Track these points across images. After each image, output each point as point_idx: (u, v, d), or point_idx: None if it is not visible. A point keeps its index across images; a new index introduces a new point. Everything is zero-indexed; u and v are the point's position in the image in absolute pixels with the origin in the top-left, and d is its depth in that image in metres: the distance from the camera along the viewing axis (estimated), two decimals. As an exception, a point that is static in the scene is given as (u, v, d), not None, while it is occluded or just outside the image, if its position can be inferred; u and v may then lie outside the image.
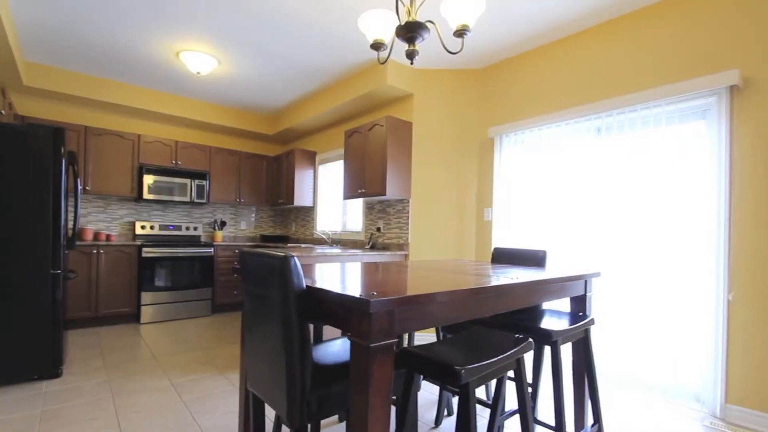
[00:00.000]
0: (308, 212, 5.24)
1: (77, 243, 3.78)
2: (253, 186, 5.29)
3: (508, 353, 1.16)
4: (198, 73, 3.61)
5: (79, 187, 2.92)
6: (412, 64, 1.71)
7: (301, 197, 4.96)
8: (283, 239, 5.49)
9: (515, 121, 3.27)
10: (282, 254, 1.08)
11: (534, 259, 2.15)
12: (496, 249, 2.40)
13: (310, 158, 5.07)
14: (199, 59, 3.50)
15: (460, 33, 1.59)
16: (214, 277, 4.63)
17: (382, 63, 1.80)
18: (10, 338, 2.45)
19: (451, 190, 3.68)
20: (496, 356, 1.13)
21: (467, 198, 3.67)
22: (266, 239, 5.37)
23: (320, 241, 4.91)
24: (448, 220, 3.67)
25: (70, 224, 4.03)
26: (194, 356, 3.11)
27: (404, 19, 1.60)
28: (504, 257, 2.31)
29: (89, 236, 4.14)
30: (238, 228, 5.48)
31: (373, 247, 3.96)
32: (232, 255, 4.80)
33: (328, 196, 4.97)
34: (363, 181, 3.73)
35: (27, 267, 2.48)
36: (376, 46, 1.71)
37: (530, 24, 2.86)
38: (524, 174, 3.25)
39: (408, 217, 3.68)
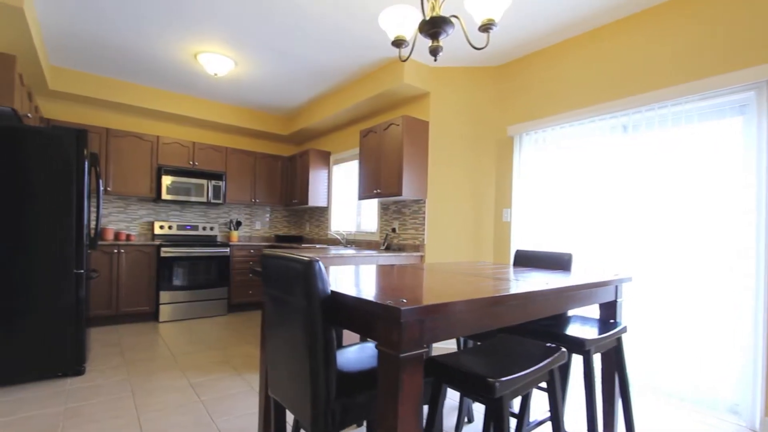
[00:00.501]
0: (322, 212, 5.23)
1: (99, 243, 3.84)
2: (268, 186, 5.30)
3: (542, 364, 1.10)
4: (215, 74, 3.62)
5: (101, 188, 2.95)
6: (435, 60, 1.67)
7: (316, 197, 4.95)
8: (298, 239, 5.49)
9: (535, 120, 3.18)
10: (306, 258, 1.05)
11: (559, 262, 2.07)
12: (518, 251, 2.33)
13: (325, 158, 5.06)
14: (217, 60, 3.51)
15: (486, 28, 1.53)
16: (230, 277, 4.66)
17: (404, 60, 1.75)
18: (36, 337, 2.50)
19: (468, 190, 3.61)
20: (530, 367, 1.07)
21: (485, 198, 3.60)
22: (281, 239, 5.38)
23: (334, 242, 4.89)
24: (465, 221, 3.60)
25: (92, 224, 4.11)
26: (211, 356, 3.12)
27: (428, 14, 1.55)
28: (527, 260, 2.24)
29: (110, 236, 4.21)
30: (253, 228, 5.51)
31: (388, 248, 3.91)
32: (248, 255, 4.82)
33: (342, 196, 4.95)
34: (378, 181, 3.69)
35: (52, 267, 2.52)
36: (398, 42, 1.67)
37: (551, 18, 2.77)
38: (545, 173, 3.16)
39: (424, 217, 3.62)
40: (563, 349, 1.22)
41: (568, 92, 3.02)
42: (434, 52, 1.54)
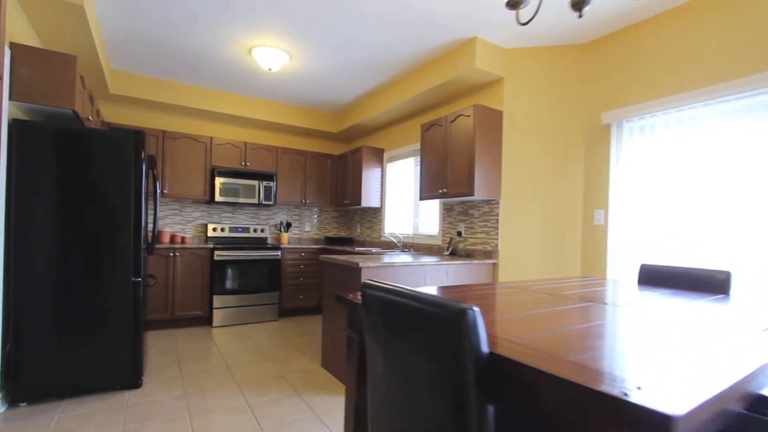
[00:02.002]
0: (375, 213, 4.94)
1: (156, 247, 3.79)
2: (318, 186, 5.10)
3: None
4: (270, 69, 3.42)
5: (158, 191, 2.82)
6: (580, 17, 1.27)
7: (368, 197, 4.67)
8: (348, 241, 5.25)
9: (640, 103, 2.66)
10: (454, 304, 0.69)
11: (711, 283, 1.60)
12: (644, 267, 1.86)
13: (378, 156, 4.75)
14: (271, 54, 3.31)
15: (579, 4, 1.11)
16: (281, 281, 4.49)
17: (524, 24, 1.36)
18: (94, 349, 2.38)
19: (550, 188, 3.14)
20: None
21: (570, 198, 3.11)
22: (331, 241, 5.16)
23: (388, 245, 4.58)
24: (545, 224, 3.14)
25: (150, 228, 4.09)
26: (267, 369, 2.90)
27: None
28: (657, 278, 1.77)
29: (166, 239, 4.17)
30: (303, 230, 5.33)
31: (453, 254, 3.53)
32: (299, 258, 4.63)
33: (396, 196, 4.62)
34: (444, 179, 3.31)
35: (110, 275, 2.40)
36: (514, 3, 1.29)
37: (672, -23, 2.26)
38: (655, 167, 2.63)
39: (497, 220, 3.20)
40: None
41: (688, 66, 2.47)
42: (579, 5, 1.15)
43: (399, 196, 4.58)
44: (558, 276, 3.13)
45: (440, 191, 3.34)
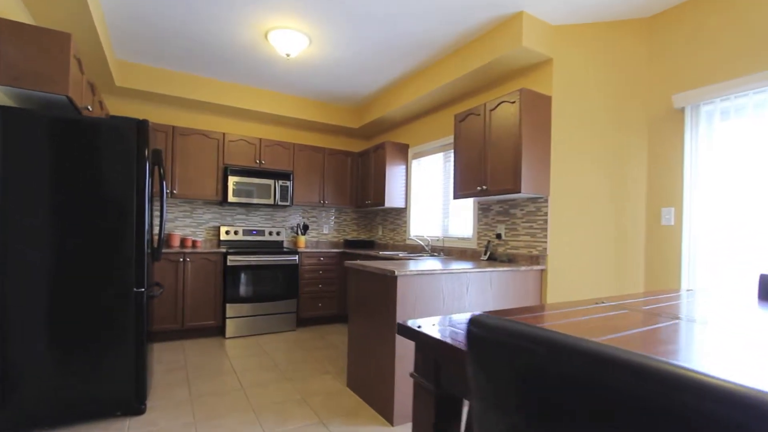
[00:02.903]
0: (399, 214, 4.58)
1: (164, 251, 3.50)
2: (337, 186, 4.76)
3: None
4: (287, 55, 3.10)
5: (165, 191, 2.52)
6: None
7: (392, 197, 4.31)
8: (369, 245, 4.89)
9: (723, 82, 2.24)
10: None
11: None
12: (765, 276, 1.45)
13: (402, 152, 4.40)
14: (289, 38, 2.99)
15: None
16: (298, 288, 4.16)
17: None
18: (93, 370, 2.07)
19: (607, 183, 2.74)
20: None
21: (631, 195, 2.70)
22: (351, 244, 4.82)
23: (414, 249, 4.21)
24: (602, 225, 2.73)
25: (156, 231, 3.81)
26: (287, 390, 2.56)
27: None
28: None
29: (176, 243, 3.89)
30: (320, 232, 5.00)
31: (491, 259, 3.14)
32: (317, 263, 4.29)
33: (423, 195, 4.25)
34: (483, 175, 2.93)
35: (107, 286, 2.09)
36: None
37: None
38: (742, 156, 2.21)
39: (545, 220, 2.80)
40: None
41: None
42: None
43: (426, 196, 4.21)
44: (618, 285, 2.72)
45: (478, 188, 2.96)
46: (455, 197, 3.20)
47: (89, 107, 2.45)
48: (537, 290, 2.79)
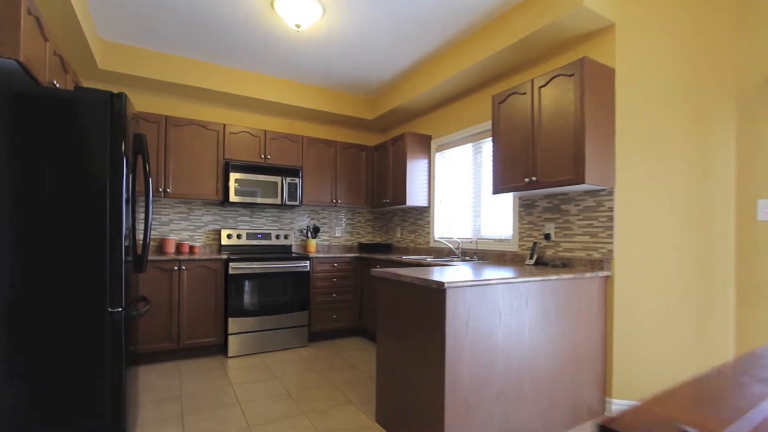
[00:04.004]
0: (420, 214, 4.10)
1: (156, 258, 3.05)
2: (351, 183, 4.30)
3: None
4: (297, 27, 2.65)
5: (152, 187, 2.05)
6: None
7: (414, 195, 3.84)
8: (386, 248, 4.42)
9: None
10: None
11: None
12: None
13: (424, 144, 3.93)
14: (300, 5, 2.53)
15: None
16: (310, 298, 3.69)
17: None
18: (55, 413, 1.61)
19: (686, 171, 2.26)
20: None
21: (717, 184, 2.22)
22: (366, 248, 4.35)
23: (440, 252, 3.73)
24: (681, 220, 2.25)
25: (140, 236, 3.35)
26: (302, 428, 2.09)
27: None
28: None
29: (171, 249, 3.43)
30: (332, 235, 4.53)
31: (540, 263, 2.66)
32: (331, 269, 3.83)
33: (449, 192, 3.78)
34: (531, 165, 2.46)
35: (74, 307, 1.63)
36: None
37: None
38: None
39: (610, 217, 2.32)
40: None
41: None
42: None
43: (452, 193, 3.74)
44: (703, 289, 2.23)
45: (526, 180, 2.48)
46: (495, 192, 2.73)
47: (55, 83, 2.01)
48: (601, 300, 2.31)
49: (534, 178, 2.43)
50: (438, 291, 1.69)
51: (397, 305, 2.01)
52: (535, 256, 2.68)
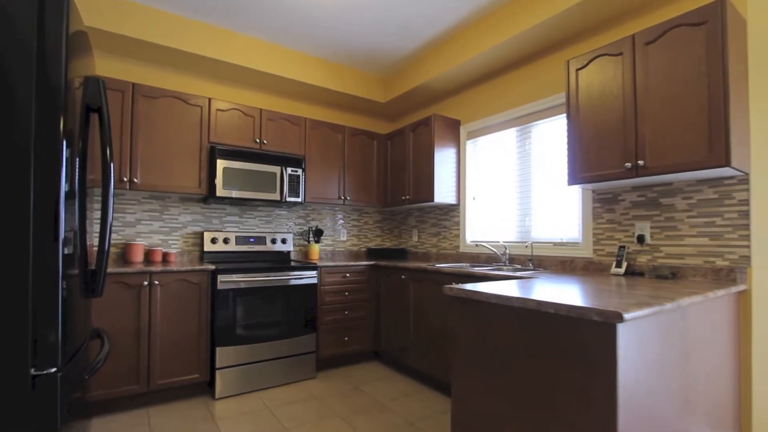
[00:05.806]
0: (445, 213, 3.48)
1: (118, 270, 2.24)
2: (361, 176, 3.62)
3: None
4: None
5: (112, 173, 1.32)
6: None
7: (440, 191, 3.21)
8: (401, 254, 3.77)
9: None
10: None
11: None
12: None
13: (453, 131, 3.32)
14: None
15: None
16: (317, 317, 2.97)
17: None
18: None
19: (837, 155, 1.75)
20: None
21: None
22: (375, 254, 3.68)
23: (475, 259, 3.11)
24: (834, 220, 1.73)
25: (93, 242, 2.53)
26: None
27: None
28: None
29: (138, 257, 2.62)
30: (337, 239, 3.82)
31: (631, 273, 2.09)
32: (342, 281, 3.12)
33: (485, 186, 3.18)
34: (633, 144, 1.89)
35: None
36: None
37: None
38: None
39: (742, 212, 1.78)
40: None
41: None
42: None
43: (489, 187, 3.14)
44: None
45: (627, 165, 1.90)
46: (573, 182, 2.14)
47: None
48: (734, 324, 1.75)
49: (640, 163, 1.85)
50: (601, 326, 1.06)
51: (502, 341, 1.36)
52: (624, 264, 2.11)
